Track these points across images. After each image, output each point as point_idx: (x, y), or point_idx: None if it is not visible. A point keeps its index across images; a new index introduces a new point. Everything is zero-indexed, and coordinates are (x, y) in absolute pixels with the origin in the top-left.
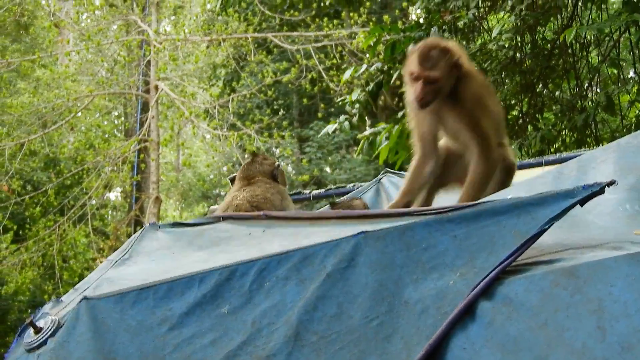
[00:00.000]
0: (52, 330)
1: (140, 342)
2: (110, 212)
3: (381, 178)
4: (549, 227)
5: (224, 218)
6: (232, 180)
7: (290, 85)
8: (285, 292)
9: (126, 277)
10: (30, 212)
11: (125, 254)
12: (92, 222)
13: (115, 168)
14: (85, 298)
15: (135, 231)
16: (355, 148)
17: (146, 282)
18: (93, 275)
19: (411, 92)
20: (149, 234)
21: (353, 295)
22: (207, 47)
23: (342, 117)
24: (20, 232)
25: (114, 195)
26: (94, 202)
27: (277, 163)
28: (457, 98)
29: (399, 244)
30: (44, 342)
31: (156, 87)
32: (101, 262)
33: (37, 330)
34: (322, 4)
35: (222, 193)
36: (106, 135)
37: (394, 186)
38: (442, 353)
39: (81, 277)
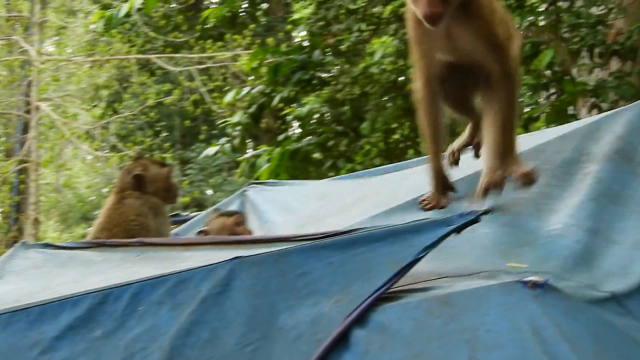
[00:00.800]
0: None
1: None
2: None
3: (245, 190)
4: (424, 254)
5: (97, 245)
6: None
7: (172, 107)
8: (159, 317)
9: None
10: None
11: None
12: None
13: None
14: None
15: None
16: (237, 170)
17: (19, 304)
18: None
19: (417, 10)
20: (19, 253)
21: (227, 321)
22: (90, 67)
23: (223, 140)
24: None
25: None
26: None
27: (136, 172)
28: (469, 11)
29: (274, 270)
30: None
31: (37, 108)
32: None
33: None
34: (205, 26)
35: None
36: None
37: (261, 197)
38: None
39: None
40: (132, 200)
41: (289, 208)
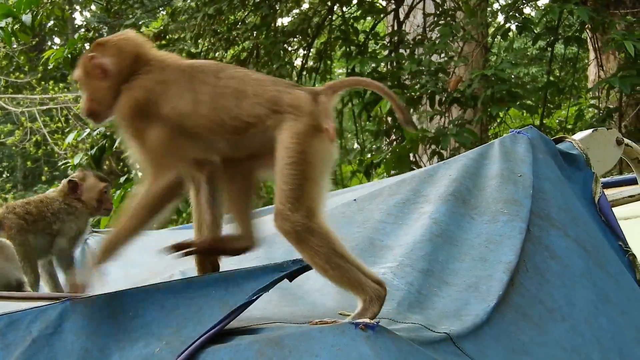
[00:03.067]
0: None
1: None
2: None
3: (87, 238)
4: (256, 298)
5: None
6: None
7: (14, 147)
8: None
9: None
10: None
11: None
12: None
13: None
14: None
15: None
16: None
17: None
18: None
19: None
20: None
21: None
22: None
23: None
24: None
25: None
26: None
27: (71, 178)
28: None
29: (106, 312)
30: None
31: None
32: None
33: None
34: (47, 67)
35: None
36: None
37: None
38: None
39: None
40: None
41: (130, 260)
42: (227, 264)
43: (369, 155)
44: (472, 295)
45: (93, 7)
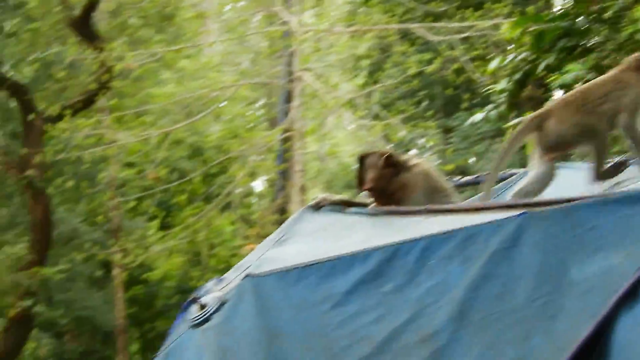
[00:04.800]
0: (216, 306)
1: (304, 319)
2: (255, 200)
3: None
4: None
5: (382, 213)
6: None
7: (433, 76)
8: (449, 271)
9: (285, 257)
10: (176, 199)
11: (283, 235)
12: (237, 210)
13: (259, 157)
14: (248, 275)
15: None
16: (501, 139)
17: (309, 260)
18: (252, 256)
19: None
20: (305, 216)
21: (517, 275)
22: (351, 38)
23: (490, 106)
24: (167, 219)
25: (259, 183)
26: (238, 190)
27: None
28: None
29: (564, 225)
30: (208, 319)
31: (299, 78)
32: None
33: (202, 307)
34: None
35: None
36: (250, 125)
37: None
38: (609, 332)
39: (227, 263)
40: None
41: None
42: None
43: None
44: None
45: None
